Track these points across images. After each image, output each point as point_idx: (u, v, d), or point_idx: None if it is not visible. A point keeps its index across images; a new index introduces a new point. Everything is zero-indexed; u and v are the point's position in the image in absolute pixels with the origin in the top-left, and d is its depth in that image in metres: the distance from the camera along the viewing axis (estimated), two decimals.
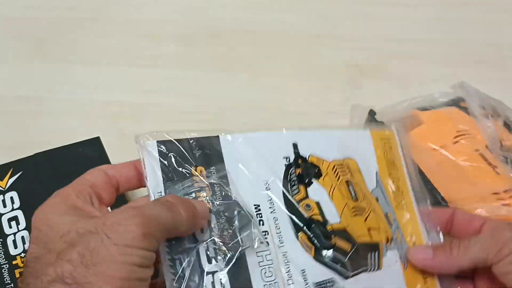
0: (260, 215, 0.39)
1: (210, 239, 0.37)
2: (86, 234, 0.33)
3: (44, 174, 0.53)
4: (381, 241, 0.43)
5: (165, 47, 0.81)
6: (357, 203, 0.44)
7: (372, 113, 0.61)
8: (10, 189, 0.52)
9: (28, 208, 0.51)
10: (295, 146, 0.43)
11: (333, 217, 0.42)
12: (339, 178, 0.44)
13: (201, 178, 0.39)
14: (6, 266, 0.47)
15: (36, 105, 0.71)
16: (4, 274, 0.46)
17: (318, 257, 0.40)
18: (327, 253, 0.41)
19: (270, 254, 0.39)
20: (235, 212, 0.38)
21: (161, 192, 0.38)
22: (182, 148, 0.40)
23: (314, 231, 0.41)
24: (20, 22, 0.84)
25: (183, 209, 0.35)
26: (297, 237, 0.41)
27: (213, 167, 0.40)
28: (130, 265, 0.32)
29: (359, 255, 0.42)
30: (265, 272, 0.38)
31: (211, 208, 0.38)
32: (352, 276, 0.41)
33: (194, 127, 0.69)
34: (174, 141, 0.40)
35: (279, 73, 0.77)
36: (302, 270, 0.39)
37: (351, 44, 0.81)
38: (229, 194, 0.39)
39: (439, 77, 0.75)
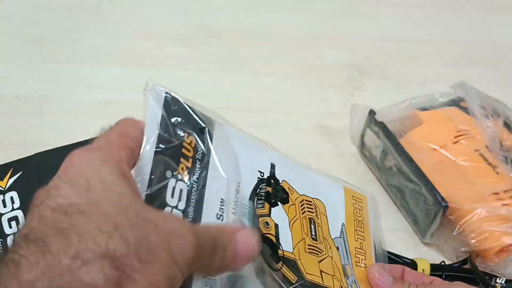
0: (222, 210, 0.38)
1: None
2: (147, 222, 0.28)
3: (44, 174, 0.53)
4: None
5: (165, 47, 0.81)
6: (315, 243, 0.43)
7: (372, 113, 0.62)
8: (10, 189, 0.52)
9: (28, 208, 0.51)
10: (272, 166, 0.44)
11: (287, 245, 0.41)
12: (304, 212, 0.44)
13: (190, 147, 0.38)
14: None
15: (36, 105, 0.71)
16: None
17: (259, 275, 0.39)
18: (271, 274, 0.39)
19: None
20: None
21: (153, 141, 0.37)
22: (184, 111, 0.40)
23: (265, 249, 0.39)
24: (20, 22, 0.84)
25: (230, 252, 0.32)
26: None
27: (201, 143, 0.39)
28: (170, 282, 0.28)
29: None
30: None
31: (188, 180, 0.37)
32: None
33: None
34: (181, 100, 0.40)
35: (279, 73, 0.77)
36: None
37: (351, 44, 0.81)
38: (205, 177, 0.38)
39: (439, 77, 0.75)
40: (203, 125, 0.40)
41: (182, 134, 0.38)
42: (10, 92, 0.73)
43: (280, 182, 0.44)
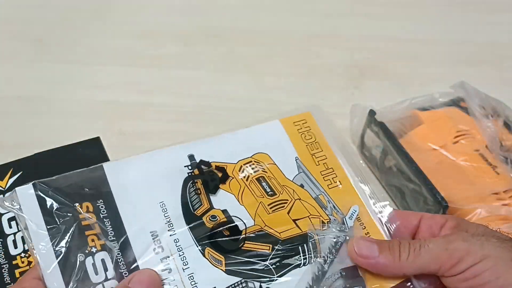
0: (159, 241, 0.37)
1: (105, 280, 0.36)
2: None
3: (44, 174, 0.53)
4: (314, 228, 0.39)
5: (165, 47, 0.81)
6: (275, 197, 0.40)
7: (372, 113, 0.61)
8: (10, 189, 0.52)
9: None
10: (191, 157, 0.41)
11: (247, 221, 0.39)
12: (247, 178, 0.41)
13: (88, 215, 0.36)
14: (6, 266, 0.47)
15: (36, 105, 0.71)
16: (4, 274, 0.46)
17: (230, 269, 0.37)
18: (242, 261, 0.37)
19: (174, 280, 0.36)
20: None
21: (44, 244, 0.36)
22: (62, 187, 0.38)
23: (221, 242, 0.38)
24: (20, 22, 0.84)
25: None
26: (204, 254, 0.37)
27: (100, 200, 0.37)
28: None
29: (287, 251, 0.38)
30: None
31: (104, 244, 0.36)
32: (281, 275, 0.37)
33: (194, 127, 0.70)
34: (51, 180, 0.38)
35: (279, 73, 0.77)
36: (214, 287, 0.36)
37: (351, 44, 0.81)
38: (122, 227, 0.37)
39: (439, 77, 0.75)
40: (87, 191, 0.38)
41: (72, 209, 0.37)
42: (10, 92, 0.73)
43: (210, 164, 0.41)
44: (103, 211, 0.37)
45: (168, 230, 0.37)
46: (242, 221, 0.39)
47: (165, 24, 0.84)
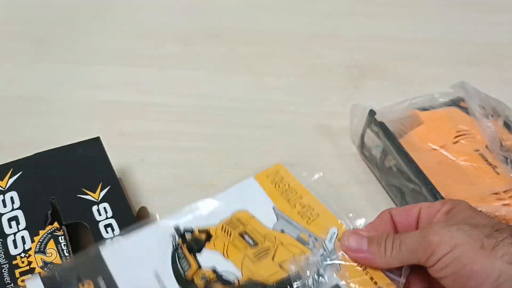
0: None
1: None
2: None
3: (44, 174, 0.53)
4: (300, 265, 0.42)
5: (165, 47, 0.81)
6: (258, 247, 0.44)
7: (372, 113, 0.61)
8: (10, 189, 0.52)
9: (28, 208, 0.51)
10: (176, 229, 0.44)
11: (237, 273, 0.42)
12: (230, 234, 0.44)
13: None
14: (6, 266, 0.47)
15: (36, 105, 0.71)
16: (4, 274, 0.46)
17: None
18: None
19: None
20: None
21: None
22: (63, 271, 0.40)
23: None
24: (20, 22, 0.84)
25: None
26: None
27: (99, 276, 0.40)
28: None
29: None
30: None
31: None
32: None
33: (194, 127, 0.70)
34: (54, 269, 0.41)
35: (279, 73, 0.77)
36: None
37: (351, 44, 0.81)
38: None
39: (439, 77, 0.75)
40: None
41: None
42: (10, 92, 0.73)
43: (194, 231, 0.45)
44: (103, 286, 0.39)
45: None
46: (234, 274, 0.42)
47: (165, 24, 0.84)
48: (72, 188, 0.53)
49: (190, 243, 0.43)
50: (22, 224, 0.50)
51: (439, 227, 0.39)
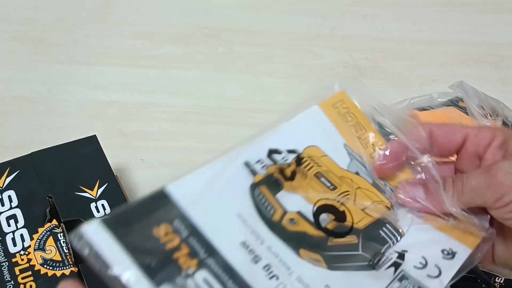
0: (253, 251, 0.34)
1: None
2: None
3: (41, 172, 0.54)
4: (383, 213, 0.38)
5: (164, 47, 0.81)
6: (337, 191, 0.39)
7: None
8: (8, 188, 0.52)
9: (26, 206, 0.51)
10: (247, 164, 0.37)
11: (323, 220, 0.37)
12: (307, 176, 0.38)
13: (169, 237, 0.32)
14: (5, 264, 0.47)
15: (36, 105, 0.71)
16: (4, 271, 0.47)
17: (331, 265, 0.35)
18: (339, 256, 0.36)
19: (285, 286, 0.33)
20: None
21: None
22: (132, 217, 0.32)
23: (313, 244, 0.36)
24: (20, 22, 0.85)
25: None
26: (300, 256, 0.35)
27: (176, 220, 0.33)
28: None
29: (371, 239, 0.37)
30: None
31: (200, 263, 0.31)
32: (378, 262, 0.36)
33: (194, 127, 0.70)
34: (119, 214, 0.32)
35: (278, 73, 0.77)
36: (326, 286, 0.34)
37: (350, 44, 0.81)
38: (209, 242, 0.33)
39: (438, 77, 0.76)
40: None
41: (150, 238, 0.31)
42: (10, 92, 0.73)
43: (281, 152, 0.38)
44: (183, 230, 0.32)
45: (257, 239, 0.35)
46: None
47: (165, 24, 0.84)
48: (70, 186, 0.53)
49: (267, 183, 0.37)
50: (21, 222, 0.50)
51: (509, 166, 0.36)
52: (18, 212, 0.50)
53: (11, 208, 0.51)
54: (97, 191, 0.53)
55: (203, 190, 0.35)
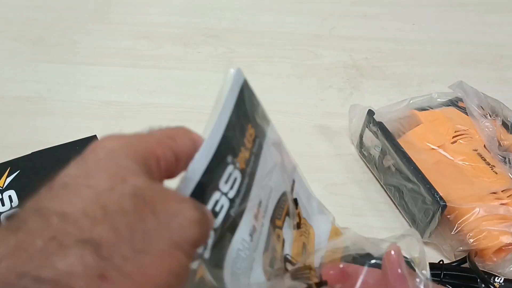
0: (258, 211, 0.37)
1: None
2: (144, 203, 0.25)
3: (42, 172, 0.54)
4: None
5: (164, 47, 0.81)
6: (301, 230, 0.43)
7: (370, 113, 0.61)
8: (8, 187, 0.52)
9: None
10: (293, 182, 0.43)
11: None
12: (301, 235, 0.43)
13: (250, 138, 0.37)
14: None
15: (36, 105, 0.71)
16: None
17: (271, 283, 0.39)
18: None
19: (248, 249, 0.36)
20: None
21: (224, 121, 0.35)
22: (252, 102, 0.38)
23: (273, 260, 0.39)
24: (20, 22, 0.85)
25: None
26: (263, 254, 0.38)
27: (257, 138, 0.38)
28: (175, 271, 0.25)
29: None
30: (237, 260, 0.35)
31: (244, 170, 0.35)
32: None
33: (194, 127, 0.70)
34: (252, 92, 0.39)
35: (278, 73, 0.77)
36: (258, 284, 0.37)
37: (349, 45, 0.81)
38: (255, 172, 0.37)
39: (437, 77, 0.76)
40: (267, 119, 0.40)
41: (247, 123, 0.37)
42: (10, 92, 0.73)
43: (296, 201, 0.43)
44: (256, 147, 0.37)
45: (264, 211, 0.38)
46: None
47: (165, 24, 0.84)
48: None
49: (293, 206, 0.42)
50: None
51: None
52: None
53: (11, 208, 0.51)
54: None
55: (273, 152, 0.40)
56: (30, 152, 0.55)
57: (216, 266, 0.33)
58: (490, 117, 0.60)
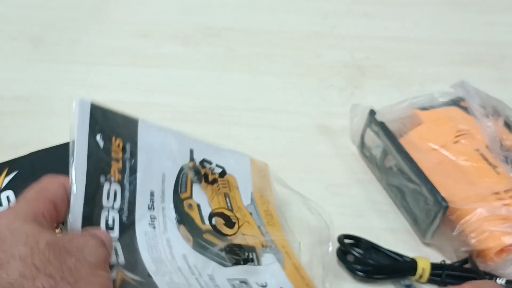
0: (152, 201, 0.44)
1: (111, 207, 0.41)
2: (59, 250, 0.33)
3: (40, 173, 0.53)
4: (256, 245, 0.49)
5: (164, 46, 0.81)
6: (232, 213, 0.50)
7: (372, 112, 0.61)
8: (6, 188, 0.52)
9: None
10: (191, 151, 0.50)
11: (214, 220, 0.49)
12: (219, 189, 0.50)
13: (117, 149, 0.43)
14: None
15: (35, 105, 0.71)
16: None
17: (196, 248, 0.45)
18: (204, 245, 0.46)
19: (156, 236, 0.43)
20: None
21: (84, 149, 0.41)
22: (109, 116, 0.44)
23: (192, 227, 0.46)
24: (18, 21, 0.84)
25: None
26: (179, 229, 0.45)
27: (128, 143, 0.44)
28: (105, 284, 0.34)
29: (235, 252, 0.47)
30: (151, 249, 0.42)
31: (121, 180, 0.42)
32: (232, 265, 0.46)
33: (193, 127, 0.69)
34: (105, 107, 0.44)
35: (279, 72, 0.77)
36: (183, 255, 0.44)
37: (351, 44, 0.81)
38: (135, 174, 0.44)
39: (439, 76, 0.75)
40: (133, 120, 0.46)
41: (109, 138, 0.43)
42: (8, 92, 0.73)
43: (197, 164, 0.50)
44: (127, 153, 0.44)
45: (160, 197, 0.45)
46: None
47: (164, 24, 0.84)
48: None
49: (195, 172, 0.49)
50: None
51: None
52: None
53: None
54: None
55: (157, 141, 0.47)
56: (28, 153, 0.55)
57: (135, 264, 0.39)
58: (492, 117, 0.59)
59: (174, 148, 0.48)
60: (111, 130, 0.43)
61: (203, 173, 0.50)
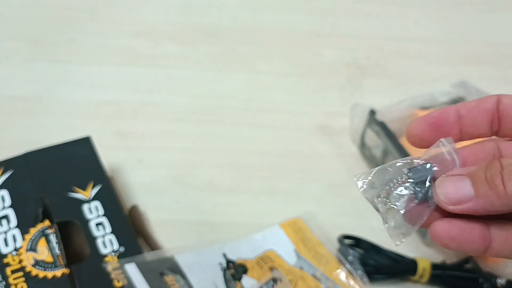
0: None
1: None
2: None
3: (35, 172, 0.53)
4: None
5: (163, 46, 0.80)
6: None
7: (372, 112, 0.61)
8: (1, 187, 0.52)
9: (19, 206, 0.50)
10: (224, 255, 0.54)
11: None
12: (262, 267, 0.54)
13: (173, 283, 0.50)
14: None
15: (33, 105, 0.71)
16: None
17: None
18: None
19: None
20: None
21: None
22: (154, 266, 0.50)
23: None
24: (17, 21, 0.84)
25: None
26: None
27: (178, 275, 0.51)
28: None
29: None
30: None
31: None
32: None
33: (192, 127, 0.69)
34: (150, 261, 0.50)
35: (278, 72, 0.77)
36: None
37: (351, 43, 0.81)
38: None
39: (439, 76, 0.75)
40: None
41: (162, 281, 0.49)
42: (8, 92, 0.72)
43: (235, 261, 0.54)
44: (182, 283, 0.50)
45: None
46: None
47: (163, 23, 0.84)
48: (63, 187, 0.52)
49: (235, 270, 0.54)
50: (13, 222, 0.49)
51: None
52: (11, 212, 0.50)
53: (4, 208, 0.50)
54: (90, 192, 0.52)
55: (197, 263, 0.53)
56: (24, 152, 0.54)
57: None
58: None
59: (212, 262, 0.54)
60: (160, 274, 0.50)
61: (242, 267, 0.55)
